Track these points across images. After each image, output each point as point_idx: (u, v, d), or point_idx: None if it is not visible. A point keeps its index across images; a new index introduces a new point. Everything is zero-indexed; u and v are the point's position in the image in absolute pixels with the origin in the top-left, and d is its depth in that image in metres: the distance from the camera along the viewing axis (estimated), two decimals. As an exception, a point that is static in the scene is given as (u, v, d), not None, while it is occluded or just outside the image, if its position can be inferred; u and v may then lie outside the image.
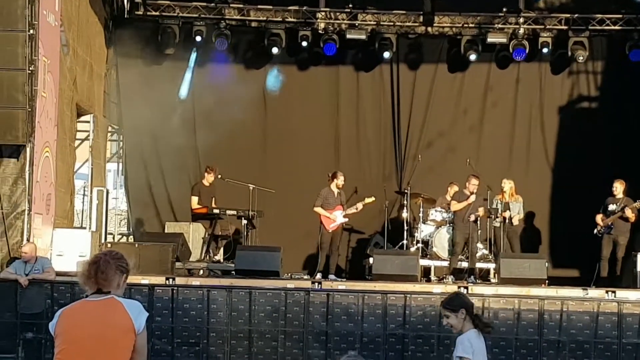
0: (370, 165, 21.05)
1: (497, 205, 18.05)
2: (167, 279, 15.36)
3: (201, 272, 17.61)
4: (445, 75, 21.13)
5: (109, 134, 21.50)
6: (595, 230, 17.69)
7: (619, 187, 17.60)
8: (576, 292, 15.31)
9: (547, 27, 20.62)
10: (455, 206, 17.59)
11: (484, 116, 21.01)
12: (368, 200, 18.25)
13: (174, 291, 14.92)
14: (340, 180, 17.99)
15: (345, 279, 17.89)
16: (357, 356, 5.99)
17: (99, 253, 6.26)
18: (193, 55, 20.69)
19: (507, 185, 18.35)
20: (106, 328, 5.94)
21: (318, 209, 17.82)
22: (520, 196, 18.47)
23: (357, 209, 18.20)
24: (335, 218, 17.85)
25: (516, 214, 18.24)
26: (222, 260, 18.36)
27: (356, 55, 21.11)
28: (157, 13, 20.54)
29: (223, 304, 14.84)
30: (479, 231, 18.20)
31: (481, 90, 21.05)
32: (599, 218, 17.64)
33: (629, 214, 17.30)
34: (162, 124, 20.10)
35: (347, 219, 18.14)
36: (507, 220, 18.10)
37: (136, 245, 17.40)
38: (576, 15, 20.47)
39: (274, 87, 20.89)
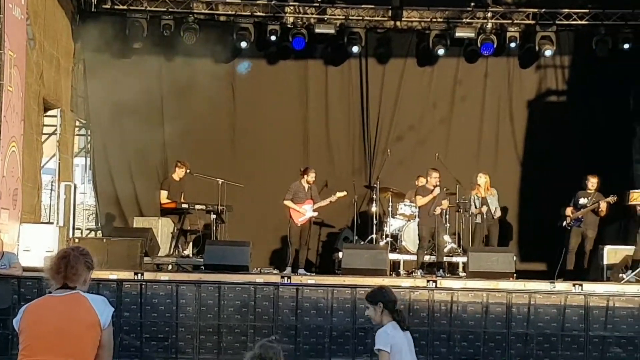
0: (339, 160, 21.06)
1: (474, 200, 18.06)
2: (135, 274, 15.31)
3: (170, 267, 17.57)
4: (414, 70, 21.17)
5: (77, 129, 21.36)
6: (564, 223, 17.78)
7: (593, 182, 17.68)
8: (544, 285, 15.40)
9: (515, 21, 20.70)
10: (421, 201, 17.60)
11: (453, 110, 21.08)
12: (340, 194, 18.23)
13: (143, 286, 14.86)
14: (311, 176, 17.97)
15: (314, 274, 17.88)
16: (274, 342, 6.02)
17: (66, 248, 6.23)
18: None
19: (482, 179, 18.35)
20: (71, 323, 5.91)
21: (288, 202, 17.79)
22: (494, 189, 18.52)
23: (329, 202, 18.18)
24: (305, 212, 17.82)
25: (495, 207, 18.26)
26: (191, 255, 18.31)
27: (325, 49, 21.11)
28: (125, 7, 20.42)
29: (192, 299, 14.79)
30: (447, 225, 18.28)
31: (450, 85, 21.12)
32: (569, 210, 17.74)
33: (604, 207, 17.40)
34: (130, 119, 20.01)
35: (316, 213, 18.11)
36: (486, 214, 18.12)
37: (104, 241, 17.34)
38: (543, 10, 20.56)
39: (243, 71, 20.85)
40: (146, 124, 20.31)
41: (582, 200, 17.68)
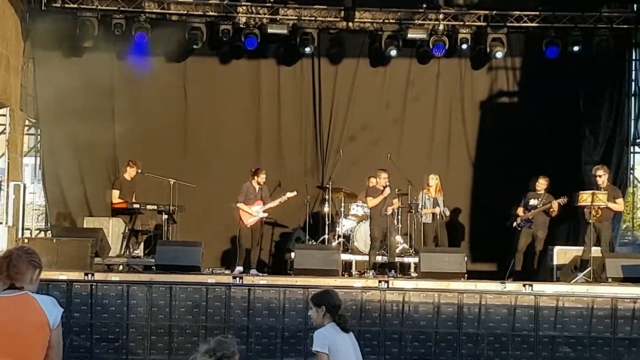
0: (291, 160, 21.04)
1: (424, 201, 18.12)
2: (85, 274, 15.20)
3: (120, 267, 17.46)
4: (366, 70, 21.21)
5: (26, 128, 21.13)
6: (514, 224, 17.91)
7: (543, 183, 17.90)
8: (494, 285, 15.50)
9: (466, 23, 20.82)
10: (372, 202, 17.62)
11: (406, 111, 21.16)
12: (290, 194, 18.22)
13: (93, 287, 14.77)
14: (261, 177, 17.96)
15: (267, 274, 17.85)
16: (229, 338, 6.02)
17: (11, 248, 6.17)
18: None
19: (433, 180, 18.44)
20: (19, 324, 5.85)
21: (240, 205, 17.78)
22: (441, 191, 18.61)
23: (279, 202, 18.17)
24: (255, 213, 17.81)
25: (443, 207, 18.35)
26: (142, 256, 18.21)
27: (278, 49, 21.09)
28: (75, 5, 20.24)
29: (143, 300, 14.72)
30: (399, 226, 18.33)
31: (402, 85, 21.18)
32: (520, 211, 17.88)
33: (556, 207, 17.57)
34: (80, 118, 19.86)
35: (266, 214, 18.09)
36: (438, 215, 18.19)
37: (54, 241, 17.19)
38: (494, 12, 20.69)
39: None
40: (96, 123, 20.16)
41: (533, 202, 17.83)
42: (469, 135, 21.13)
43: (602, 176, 17.19)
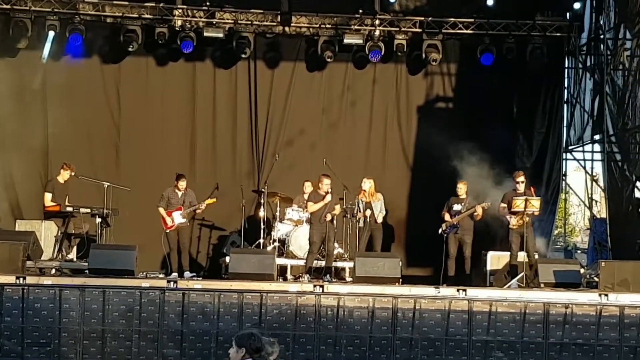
0: (227, 163, 20.99)
1: (358, 205, 18.16)
2: (17, 278, 14.97)
3: (53, 271, 17.25)
4: (303, 74, 21.26)
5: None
6: (440, 230, 18.06)
7: (463, 188, 18.14)
8: (429, 290, 15.57)
9: (402, 29, 20.94)
10: (312, 207, 17.62)
11: (342, 115, 21.24)
12: (208, 201, 18.23)
13: (25, 290, 14.58)
14: (181, 184, 18.06)
15: (201, 278, 17.78)
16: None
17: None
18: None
19: (367, 184, 18.48)
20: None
21: (160, 209, 17.86)
22: (380, 194, 18.65)
23: (197, 209, 18.19)
24: (173, 220, 17.82)
25: (379, 212, 18.41)
26: (75, 259, 18.02)
27: (214, 52, 21.05)
28: (8, 6, 19.98)
29: (76, 304, 14.58)
30: (335, 230, 18.35)
31: (339, 90, 21.25)
32: (447, 216, 18.04)
33: (480, 211, 17.75)
34: (12, 119, 19.65)
35: (185, 220, 18.01)
36: (368, 219, 18.24)
37: (-15, 244, 16.91)
38: (430, 18, 20.87)
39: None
40: (29, 125, 20.01)
41: (456, 207, 18.05)
42: (405, 140, 21.25)
43: (523, 182, 17.43)
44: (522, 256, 17.16)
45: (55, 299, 14.55)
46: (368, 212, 18.23)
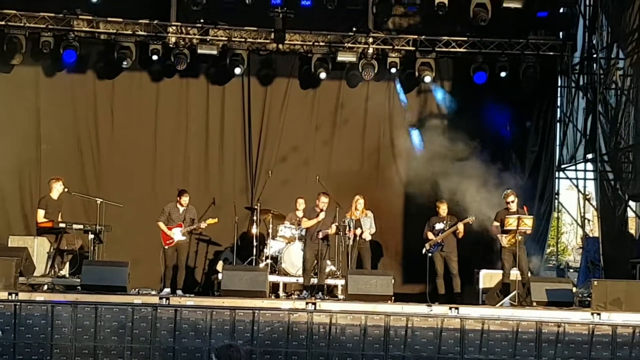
0: (221, 180, 21.00)
1: (348, 222, 18.18)
2: (9, 294, 14.93)
3: (45, 287, 17.21)
4: (297, 91, 21.32)
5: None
6: (424, 250, 18.11)
7: (442, 207, 18.27)
8: (421, 308, 15.56)
9: (395, 47, 21.01)
10: (306, 223, 17.71)
11: (336, 132, 21.25)
12: (211, 220, 18.23)
13: (17, 307, 14.53)
14: (184, 199, 18.03)
15: (193, 295, 17.76)
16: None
17: None
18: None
19: (357, 201, 18.51)
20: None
21: (160, 224, 17.83)
22: (370, 211, 18.67)
23: (198, 227, 18.18)
24: (173, 235, 17.80)
25: (367, 229, 18.44)
26: (67, 275, 17.99)
27: (208, 69, 21.10)
28: (3, 22, 20.03)
29: (68, 320, 14.53)
30: (328, 247, 18.35)
31: (332, 107, 21.29)
32: (431, 235, 18.10)
33: (461, 229, 17.83)
34: (5, 134, 19.66)
35: (185, 237, 18.01)
36: (358, 237, 18.27)
37: (-23, 260, 16.87)
38: (423, 36, 20.94)
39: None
40: (22, 140, 20.02)
41: (438, 225, 18.17)
42: (397, 158, 21.27)
43: (514, 201, 17.44)
44: (514, 274, 17.16)
45: (48, 315, 14.51)
46: (358, 231, 18.26)
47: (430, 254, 18.04)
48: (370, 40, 20.83)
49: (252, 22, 20.75)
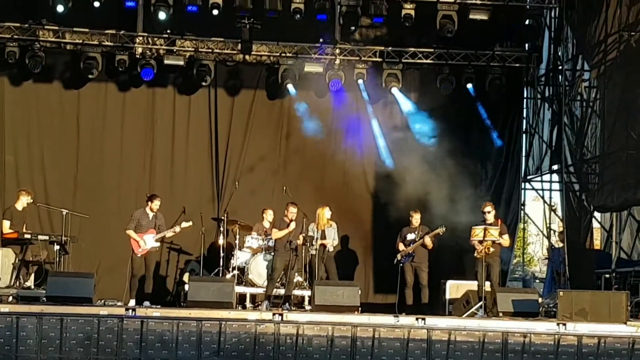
0: (188, 190, 20.93)
1: (313, 233, 18.18)
2: (-27, 306, 14.84)
3: (10, 298, 17.09)
4: (264, 102, 21.34)
5: None
6: (395, 260, 18.14)
7: (416, 217, 18.27)
8: (388, 319, 15.56)
9: (362, 58, 21.07)
10: (277, 234, 17.65)
11: (302, 143, 21.18)
12: (185, 224, 18.05)
13: (-19, 318, 14.43)
14: (155, 204, 17.75)
15: (160, 306, 17.66)
16: None
17: None
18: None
19: (322, 212, 18.52)
20: None
21: (129, 232, 17.57)
22: (334, 222, 18.68)
23: (172, 232, 18.01)
24: (145, 242, 17.61)
25: (331, 240, 18.45)
26: (32, 287, 17.86)
27: (175, 79, 21.07)
28: (-33, 32, 19.96)
29: (33, 332, 14.42)
30: (297, 258, 18.33)
31: (299, 117, 21.23)
32: (402, 246, 18.13)
33: (428, 242, 17.88)
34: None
35: (157, 244, 17.86)
36: (325, 248, 18.27)
37: (-59, 271, 16.78)
38: (390, 48, 21.03)
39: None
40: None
41: (410, 236, 18.17)
42: (366, 167, 21.31)
43: (490, 212, 17.51)
44: (488, 285, 17.21)
45: (12, 327, 14.39)
46: (325, 241, 18.27)
47: (401, 265, 18.06)
48: (337, 51, 20.88)
49: (219, 33, 20.76)
